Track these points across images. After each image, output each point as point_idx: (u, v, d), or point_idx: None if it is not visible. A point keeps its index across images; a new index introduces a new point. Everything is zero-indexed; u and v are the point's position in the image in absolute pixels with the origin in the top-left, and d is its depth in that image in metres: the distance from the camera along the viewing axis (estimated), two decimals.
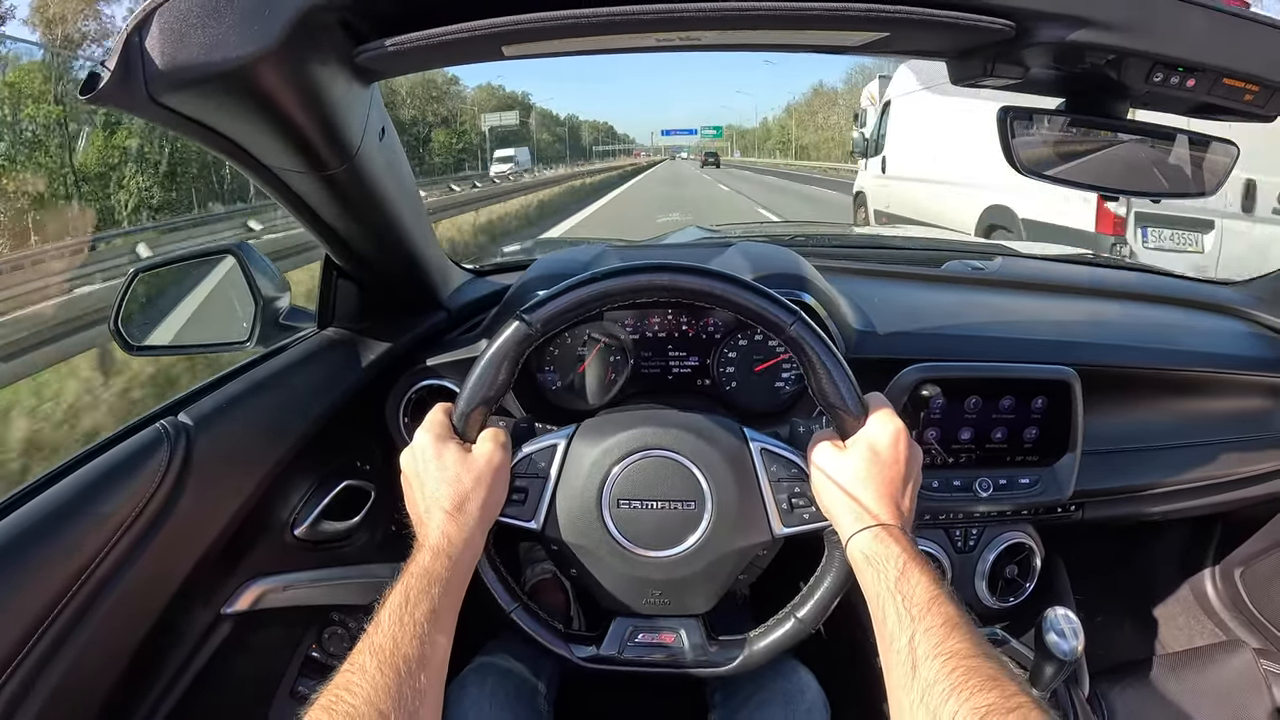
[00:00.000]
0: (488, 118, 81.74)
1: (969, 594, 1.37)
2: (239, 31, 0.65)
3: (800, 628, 0.92)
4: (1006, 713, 0.60)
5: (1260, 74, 0.79)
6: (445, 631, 0.77)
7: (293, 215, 1.00)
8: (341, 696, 0.66)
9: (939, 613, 0.71)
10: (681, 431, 0.93)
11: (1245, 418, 1.49)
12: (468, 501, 0.85)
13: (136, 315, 1.28)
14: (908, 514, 0.85)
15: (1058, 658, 1.06)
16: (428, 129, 79.65)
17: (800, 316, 0.88)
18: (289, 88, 0.73)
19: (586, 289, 0.89)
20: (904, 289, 1.60)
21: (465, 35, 0.70)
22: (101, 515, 0.89)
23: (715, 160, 70.62)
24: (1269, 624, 1.67)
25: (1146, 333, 1.51)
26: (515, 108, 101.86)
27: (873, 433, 0.86)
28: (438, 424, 0.91)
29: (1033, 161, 0.91)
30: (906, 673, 0.69)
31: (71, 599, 0.85)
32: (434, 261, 1.28)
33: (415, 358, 1.28)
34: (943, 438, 1.26)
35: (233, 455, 1.04)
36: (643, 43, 0.76)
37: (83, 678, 0.88)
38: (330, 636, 1.35)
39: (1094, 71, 0.80)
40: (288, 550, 1.19)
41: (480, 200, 21.46)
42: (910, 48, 0.85)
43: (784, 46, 0.81)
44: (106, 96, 0.66)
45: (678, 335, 1.25)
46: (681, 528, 0.92)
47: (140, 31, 0.64)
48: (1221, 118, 0.93)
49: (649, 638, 0.97)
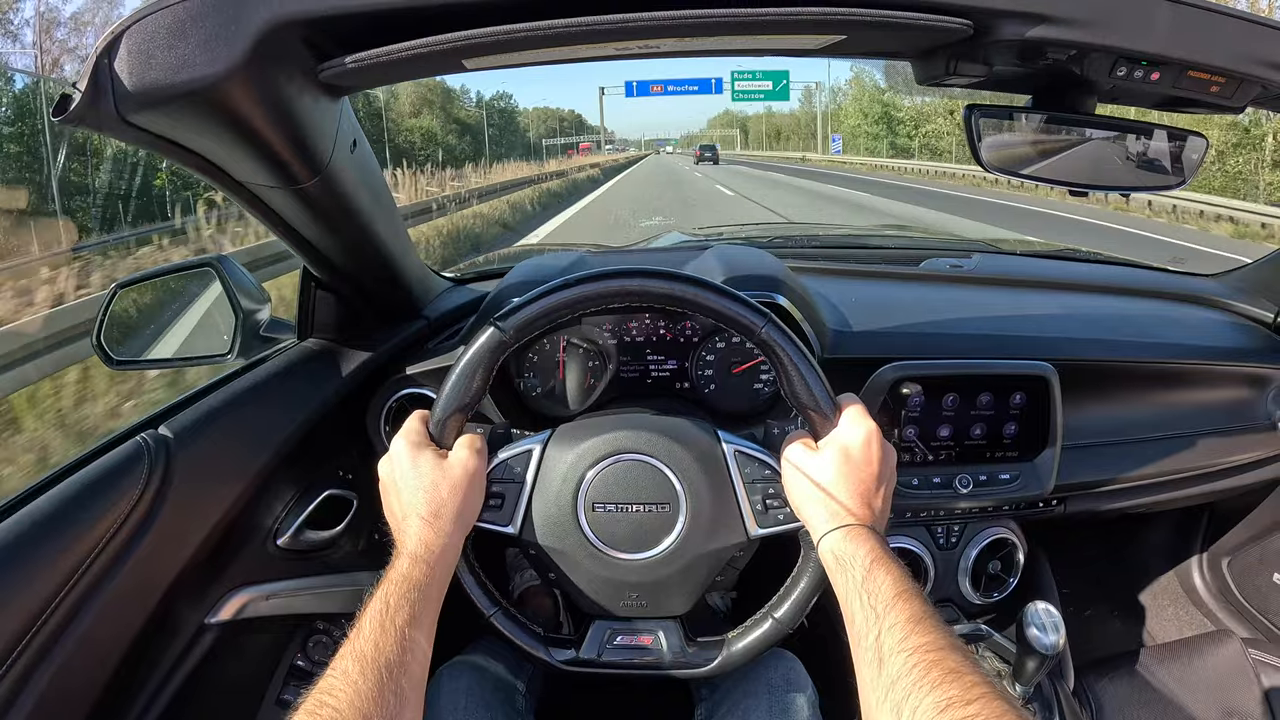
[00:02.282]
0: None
1: (953, 590, 1.37)
2: (204, 52, 0.67)
3: (778, 628, 0.93)
4: (966, 704, 0.61)
5: (1225, 65, 0.79)
6: (425, 637, 0.78)
7: (269, 229, 1.01)
8: (325, 701, 0.66)
9: (903, 609, 0.72)
10: (654, 435, 0.94)
11: (1226, 408, 1.50)
12: (444, 508, 0.86)
13: (118, 329, 1.28)
14: (880, 514, 0.86)
15: (1039, 652, 1.07)
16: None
17: (771, 319, 0.89)
18: (256, 105, 0.74)
19: (558, 295, 0.90)
20: (881, 288, 1.61)
21: (425, 50, 0.71)
22: (82, 529, 0.89)
23: (713, 155, 55.65)
24: (1257, 613, 1.67)
25: (1125, 326, 1.51)
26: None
27: (845, 433, 0.87)
28: (414, 432, 0.91)
29: (1001, 160, 0.92)
30: (874, 670, 0.69)
31: (54, 612, 0.86)
32: (412, 270, 1.28)
33: (395, 366, 1.28)
34: (922, 435, 1.27)
35: (214, 467, 1.05)
36: (601, 52, 0.76)
37: (67, 690, 0.88)
38: (315, 645, 1.35)
39: (1057, 67, 0.81)
40: (271, 560, 1.20)
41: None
42: (869, 49, 0.86)
43: (744, 51, 0.82)
44: (78, 117, 0.68)
45: (656, 339, 1.26)
46: (657, 530, 0.93)
47: (109, 53, 0.66)
48: (1191, 110, 0.93)
49: (628, 640, 0.97)
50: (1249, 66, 0.78)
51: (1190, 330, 1.56)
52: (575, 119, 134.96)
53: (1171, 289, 1.73)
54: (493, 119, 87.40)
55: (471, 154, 64.05)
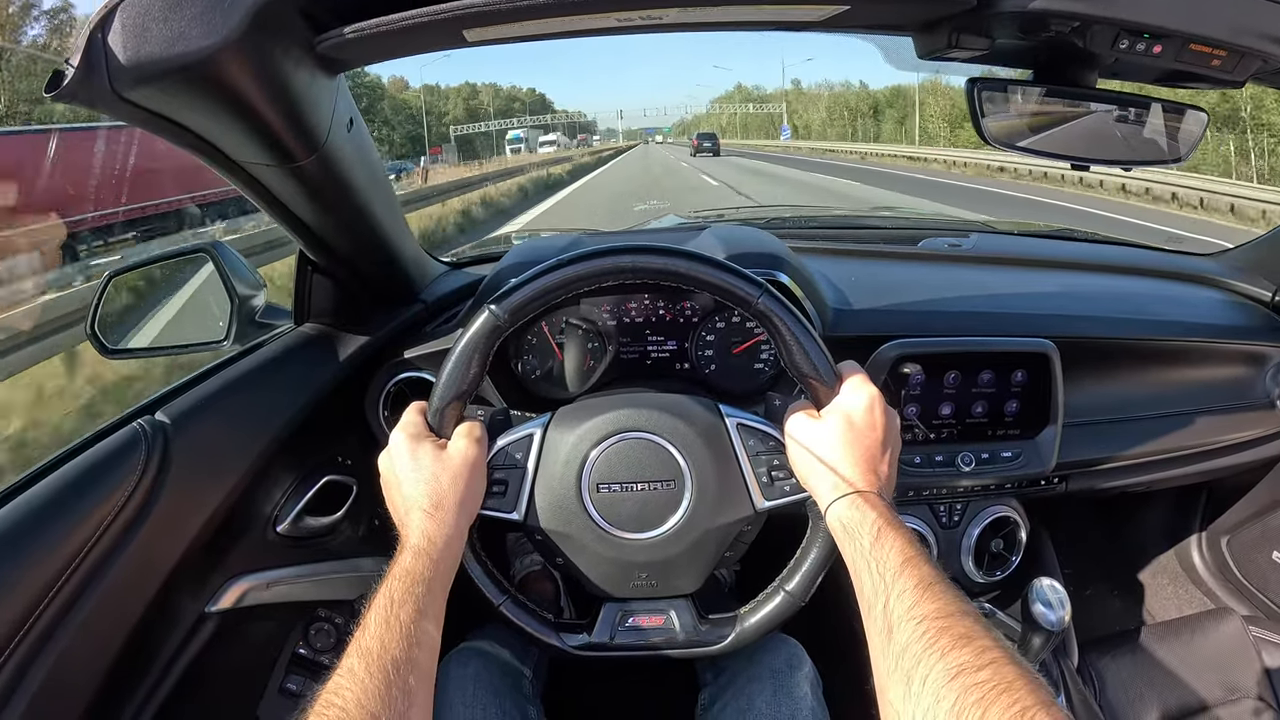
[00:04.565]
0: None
1: (956, 569, 1.37)
2: (199, 24, 0.66)
3: (790, 601, 0.92)
4: (978, 670, 0.60)
5: (1226, 38, 0.79)
6: (431, 631, 0.77)
7: (265, 211, 1.00)
8: (332, 701, 0.66)
9: (912, 575, 0.71)
10: (656, 412, 0.94)
11: (1226, 386, 1.50)
12: (445, 499, 0.85)
13: (113, 317, 1.27)
14: (886, 480, 0.85)
15: (1045, 628, 1.07)
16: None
17: (767, 289, 0.88)
18: (252, 79, 0.73)
19: (551, 276, 0.89)
20: (881, 267, 1.60)
21: (425, 20, 0.70)
22: (79, 516, 0.89)
23: (713, 146, 46.83)
24: (1257, 591, 1.68)
25: (1125, 304, 1.51)
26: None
27: (847, 400, 0.86)
28: (412, 424, 0.91)
29: (1003, 133, 0.91)
30: (883, 638, 0.69)
31: (52, 600, 0.85)
32: (409, 254, 1.27)
33: (393, 350, 1.27)
34: (923, 413, 1.27)
35: (211, 453, 1.04)
36: (604, 23, 0.76)
37: (66, 679, 0.88)
38: (317, 633, 1.35)
39: (1060, 40, 0.80)
40: (270, 547, 1.19)
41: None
42: (872, 21, 0.85)
43: (745, 24, 0.81)
44: (71, 93, 0.67)
45: (655, 320, 1.25)
46: (663, 508, 0.93)
47: (103, 28, 0.65)
48: (1191, 85, 0.93)
49: (639, 621, 0.97)
50: (1250, 40, 0.78)
51: (1189, 308, 1.56)
52: (537, 100, 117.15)
53: (1169, 268, 1.73)
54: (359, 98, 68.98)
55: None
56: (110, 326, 1.26)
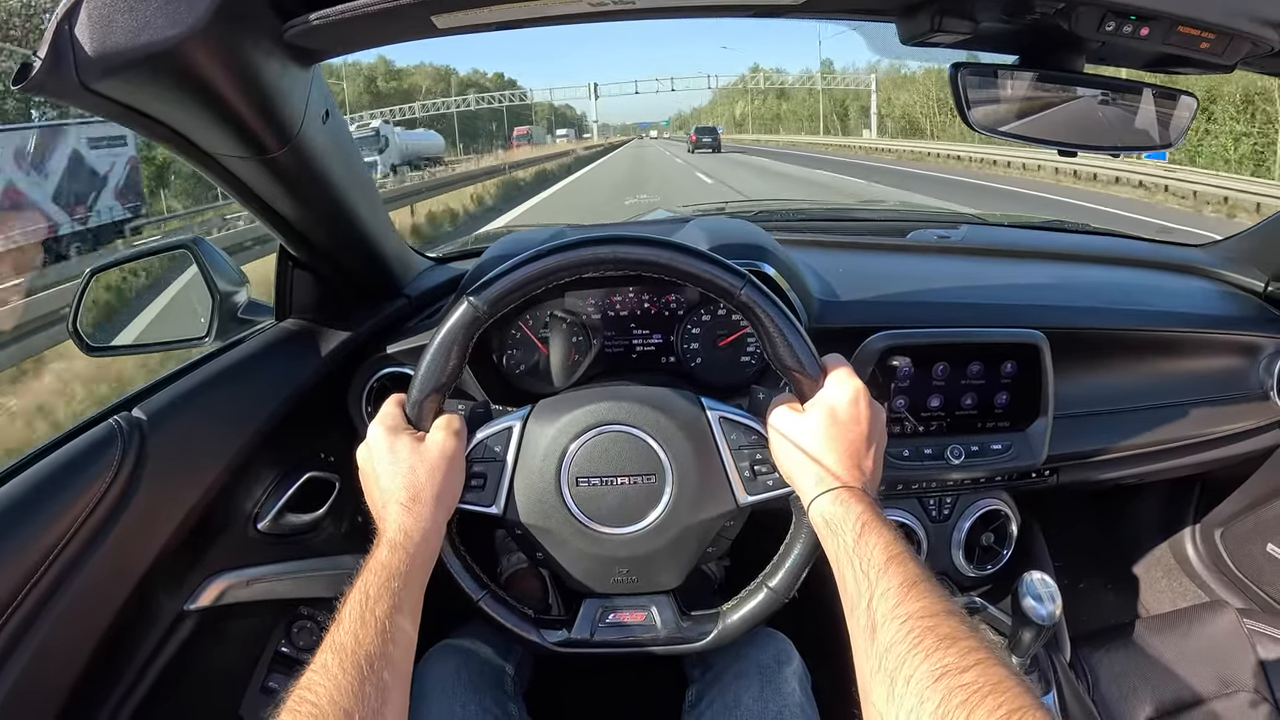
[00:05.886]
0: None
1: (946, 563, 1.36)
2: (165, 13, 0.65)
3: (773, 597, 0.91)
4: (963, 671, 0.59)
5: (1215, 21, 0.77)
6: (408, 626, 0.76)
7: (241, 205, 0.99)
8: (304, 697, 0.65)
9: (896, 573, 0.70)
10: (637, 405, 0.92)
11: (1218, 377, 1.49)
12: (422, 492, 0.84)
13: (94, 315, 1.27)
14: (870, 475, 0.84)
15: (1035, 622, 1.06)
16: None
17: (750, 280, 0.87)
18: (220, 68, 0.72)
19: (530, 267, 0.87)
20: (869, 259, 1.59)
21: (392, 6, 0.69)
22: (52, 514, 0.88)
23: (713, 141, 43.95)
24: (1251, 583, 1.67)
25: (1116, 295, 1.50)
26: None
27: (831, 394, 0.85)
28: (390, 416, 0.90)
29: (988, 119, 0.90)
30: (867, 638, 0.68)
31: (26, 597, 0.84)
32: (391, 248, 1.26)
33: (376, 346, 1.26)
34: (912, 406, 1.26)
35: (189, 449, 1.03)
36: (575, 9, 0.74)
37: (40, 677, 0.87)
38: (299, 630, 1.33)
39: (1045, 23, 0.79)
40: (251, 544, 1.18)
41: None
42: (852, 5, 0.84)
43: (721, 9, 0.79)
44: (38, 85, 0.66)
45: (640, 313, 1.24)
46: (643, 503, 0.91)
47: (70, 18, 0.65)
48: (1181, 70, 0.92)
49: (620, 617, 0.96)
50: (1239, 22, 0.77)
51: (1181, 299, 1.55)
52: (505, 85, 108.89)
53: (1160, 259, 1.72)
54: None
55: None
56: (92, 324, 1.25)
